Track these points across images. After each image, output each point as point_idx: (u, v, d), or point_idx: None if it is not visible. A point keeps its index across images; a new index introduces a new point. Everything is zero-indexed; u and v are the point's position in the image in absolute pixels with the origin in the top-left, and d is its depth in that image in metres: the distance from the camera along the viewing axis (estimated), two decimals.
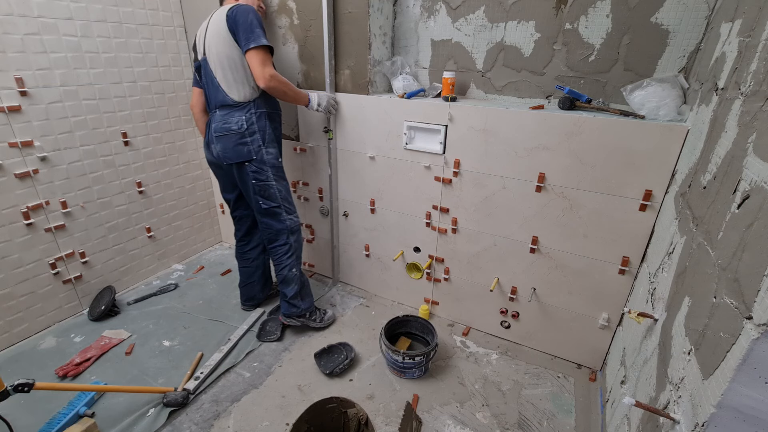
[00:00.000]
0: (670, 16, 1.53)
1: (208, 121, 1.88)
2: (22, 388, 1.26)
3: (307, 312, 2.08)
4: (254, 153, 1.81)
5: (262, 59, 1.64)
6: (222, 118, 1.79)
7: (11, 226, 1.88)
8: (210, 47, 1.73)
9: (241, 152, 1.80)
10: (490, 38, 1.88)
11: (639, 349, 1.34)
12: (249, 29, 1.63)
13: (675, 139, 1.41)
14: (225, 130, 1.78)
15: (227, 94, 1.76)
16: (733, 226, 0.82)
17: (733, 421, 0.72)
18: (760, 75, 0.87)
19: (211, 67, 1.74)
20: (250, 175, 1.83)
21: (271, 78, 1.67)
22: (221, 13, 1.70)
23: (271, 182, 1.87)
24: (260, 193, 1.87)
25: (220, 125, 1.79)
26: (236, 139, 1.78)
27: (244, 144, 1.79)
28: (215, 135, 1.81)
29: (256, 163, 1.82)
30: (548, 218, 1.75)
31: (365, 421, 1.39)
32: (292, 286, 2.00)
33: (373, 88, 2.03)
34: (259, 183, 1.85)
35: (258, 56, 1.64)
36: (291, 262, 1.99)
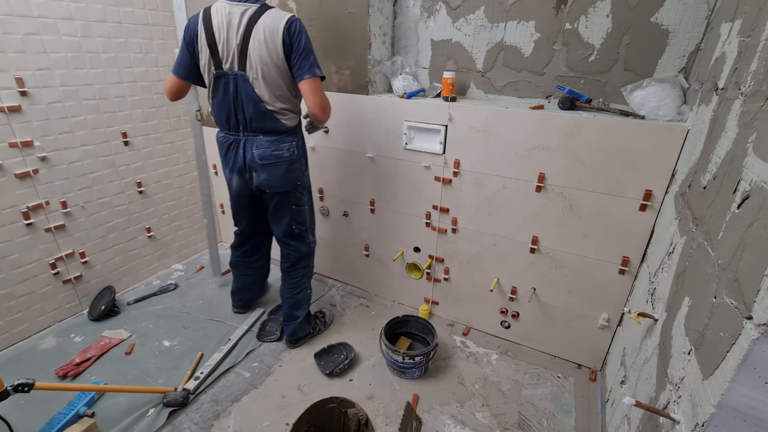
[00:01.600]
0: (670, 16, 1.53)
1: (233, 143, 1.66)
2: (22, 388, 1.26)
3: (311, 329, 2.07)
4: (299, 179, 1.77)
5: (318, 87, 1.54)
6: (271, 144, 1.63)
7: (11, 226, 1.88)
8: (256, 68, 1.50)
9: (291, 179, 1.73)
10: (490, 38, 1.88)
11: (639, 349, 1.34)
12: (306, 55, 1.51)
13: (675, 139, 1.41)
14: (276, 158, 1.65)
15: (280, 121, 1.62)
16: (733, 226, 0.83)
17: (733, 421, 0.72)
18: (760, 75, 0.87)
19: (257, 90, 1.54)
20: (291, 201, 1.79)
21: (328, 107, 1.58)
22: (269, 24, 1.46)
23: (306, 206, 1.87)
24: (296, 219, 1.84)
25: (269, 152, 1.64)
26: (287, 166, 1.69)
27: (294, 171, 1.73)
28: (260, 163, 1.64)
29: (300, 188, 1.79)
30: (548, 218, 1.75)
31: (365, 421, 1.39)
32: (303, 307, 1.98)
33: (373, 88, 2.03)
34: (298, 208, 1.83)
35: (314, 84, 1.52)
36: (308, 284, 1.99)
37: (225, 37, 1.49)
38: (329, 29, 1.98)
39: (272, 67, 1.51)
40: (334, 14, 1.93)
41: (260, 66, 1.50)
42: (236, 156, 1.68)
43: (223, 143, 1.70)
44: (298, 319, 1.97)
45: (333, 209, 2.37)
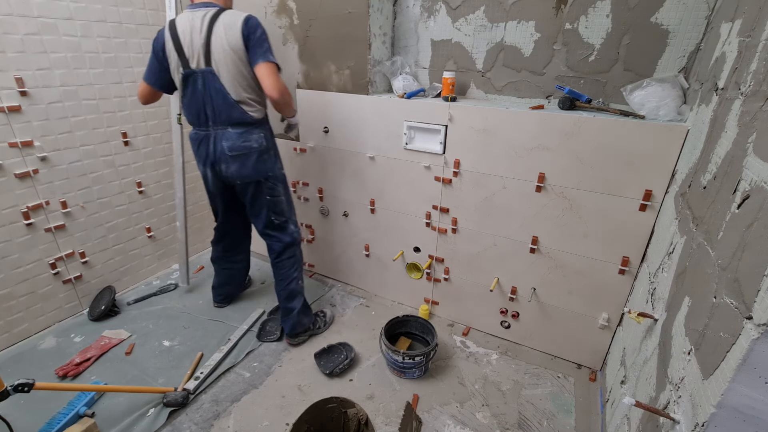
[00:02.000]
0: (670, 16, 1.53)
1: (204, 138, 1.73)
2: (22, 388, 1.26)
3: (311, 324, 2.07)
4: (270, 170, 1.82)
5: (274, 70, 1.61)
6: (240, 136, 1.71)
7: (11, 226, 1.88)
8: (220, 62, 1.60)
9: (261, 170, 1.78)
10: (490, 38, 1.88)
11: (639, 349, 1.34)
12: (261, 43, 1.60)
13: (675, 139, 1.41)
14: (245, 149, 1.72)
15: (246, 112, 1.69)
16: (733, 226, 0.82)
17: (733, 421, 0.72)
18: (760, 75, 0.87)
19: (224, 83, 1.63)
20: (265, 192, 1.83)
21: (285, 90, 1.63)
22: (228, 22, 1.58)
23: (282, 197, 1.89)
24: (273, 209, 1.87)
25: (238, 144, 1.71)
26: (257, 156, 1.75)
27: (264, 162, 1.78)
28: (230, 154, 1.71)
29: (272, 179, 1.83)
30: (548, 218, 1.75)
31: (365, 421, 1.40)
32: (298, 298, 1.99)
33: (373, 88, 2.03)
34: (274, 199, 1.86)
35: (270, 68, 1.60)
36: (298, 274, 1.99)
37: (189, 40, 1.60)
38: (329, 29, 1.98)
39: (234, 58, 1.60)
40: (334, 14, 1.93)
41: (223, 59, 1.60)
42: (207, 150, 1.75)
43: (195, 140, 1.77)
44: (294, 311, 1.97)
45: (333, 209, 2.37)
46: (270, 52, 1.61)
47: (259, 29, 1.60)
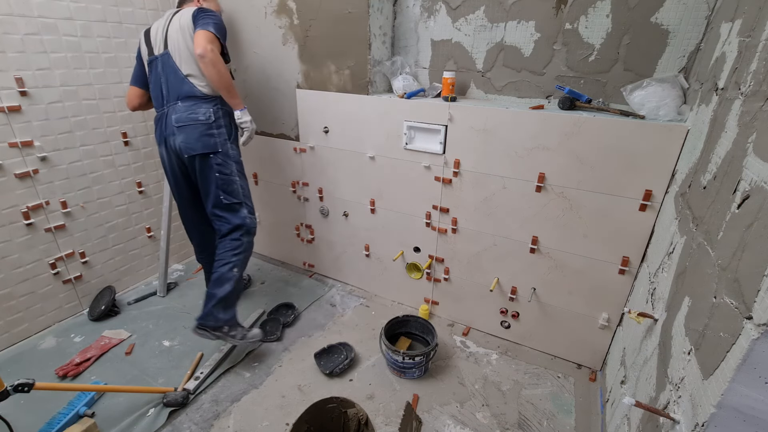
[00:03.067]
0: (670, 16, 1.53)
1: (161, 116, 1.79)
2: (22, 388, 1.26)
3: (225, 325, 1.82)
4: (220, 146, 1.78)
5: (208, 37, 1.64)
6: (187, 109, 1.74)
7: (11, 226, 1.88)
8: (173, 42, 1.73)
9: (207, 143, 1.75)
10: (490, 38, 1.88)
11: (639, 349, 1.34)
12: (206, 18, 1.69)
13: (675, 139, 1.41)
14: (191, 120, 1.73)
15: (194, 85, 1.74)
16: (733, 226, 0.82)
17: (733, 421, 0.72)
18: (760, 75, 0.87)
19: (176, 60, 1.73)
20: (215, 168, 1.77)
21: (212, 50, 1.63)
22: (186, 12, 1.74)
23: (235, 177, 1.83)
24: (223, 188, 1.81)
25: (185, 115, 1.73)
26: (203, 129, 1.74)
27: (211, 135, 1.76)
28: (176, 125, 1.74)
29: (221, 155, 1.78)
30: (548, 218, 1.75)
31: (365, 421, 1.40)
32: (224, 286, 1.79)
33: (373, 88, 2.03)
34: (224, 177, 1.80)
35: (204, 34, 1.64)
36: (236, 260, 1.83)
37: (155, 32, 1.78)
38: (329, 29, 1.98)
39: (185, 35, 1.71)
40: (334, 14, 1.93)
41: (176, 39, 1.72)
42: (161, 127, 1.80)
43: (156, 121, 1.84)
44: (214, 299, 1.78)
45: (333, 209, 2.37)
46: (211, 26, 1.66)
47: (210, 12, 1.73)
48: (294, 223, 2.58)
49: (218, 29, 1.69)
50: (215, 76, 1.68)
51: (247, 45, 2.24)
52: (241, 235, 1.86)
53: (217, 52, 1.66)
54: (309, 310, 2.32)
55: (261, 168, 2.54)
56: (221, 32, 1.72)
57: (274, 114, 2.34)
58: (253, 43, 2.22)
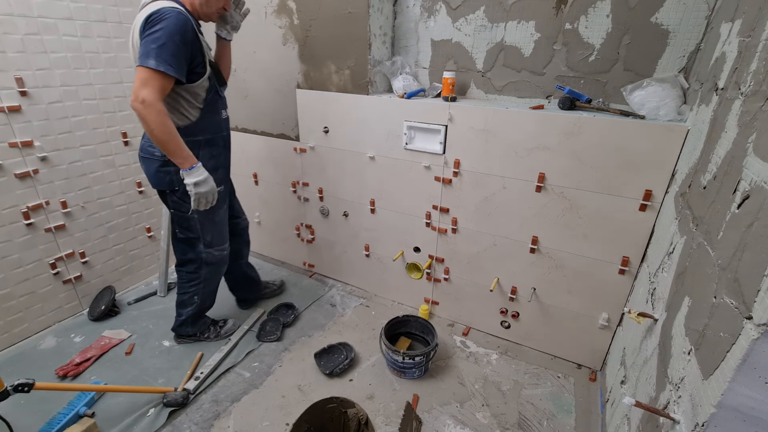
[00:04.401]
0: (670, 16, 1.53)
1: None
2: (22, 388, 1.26)
3: (196, 332, 2.01)
4: (177, 184, 1.58)
5: (142, 78, 1.32)
6: (148, 139, 1.56)
7: (11, 226, 1.88)
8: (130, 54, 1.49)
9: (162, 180, 1.59)
10: (490, 38, 1.88)
11: (639, 349, 1.34)
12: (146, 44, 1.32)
13: (675, 139, 1.41)
14: (148, 153, 1.58)
15: None
16: (733, 226, 0.82)
17: (733, 421, 0.72)
18: (760, 75, 0.87)
19: None
20: (170, 204, 1.68)
21: (142, 102, 1.31)
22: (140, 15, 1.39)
23: (193, 215, 1.66)
24: (179, 224, 1.72)
25: (145, 146, 1.58)
26: (158, 165, 1.57)
27: (167, 173, 1.57)
28: (140, 154, 1.62)
29: (178, 194, 1.62)
30: (548, 218, 1.75)
31: (365, 421, 1.40)
32: (187, 309, 1.91)
33: (373, 88, 2.03)
34: (179, 214, 1.68)
35: (139, 74, 1.32)
36: (194, 290, 1.86)
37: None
38: (329, 29, 1.98)
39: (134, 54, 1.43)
40: (334, 14, 1.93)
41: (131, 53, 1.48)
42: None
43: None
44: (181, 317, 1.93)
45: (333, 209, 2.37)
46: (150, 55, 1.31)
47: (158, 25, 1.32)
48: (294, 223, 2.58)
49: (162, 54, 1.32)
50: (148, 133, 1.39)
51: (247, 45, 2.24)
52: (196, 268, 1.81)
53: (151, 99, 1.32)
54: (309, 310, 2.32)
55: (261, 168, 2.54)
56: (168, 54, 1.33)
57: (274, 114, 2.34)
58: (253, 43, 2.22)
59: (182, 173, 1.47)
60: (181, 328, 1.98)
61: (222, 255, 1.85)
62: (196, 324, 1.99)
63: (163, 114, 1.36)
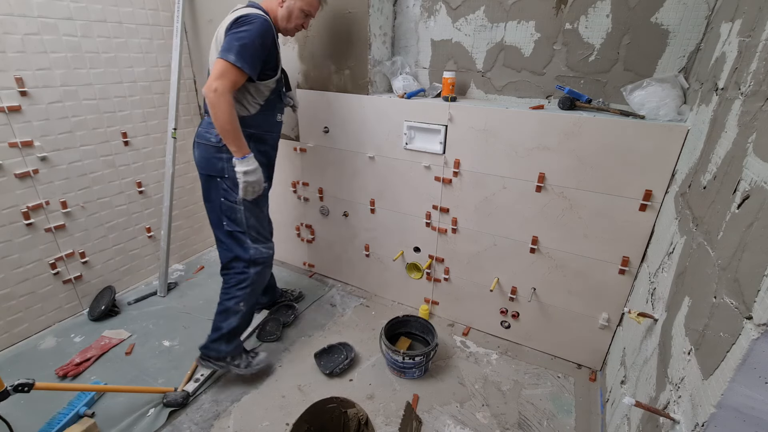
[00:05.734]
0: (670, 16, 1.53)
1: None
2: (22, 388, 1.26)
3: (228, 356, 1.77)
4: (227, 171, 1.62)
5: (220, 70, 1.44)
6: (206, 125, 1.64)
7: (11, 226, 1.88)
8: (212, 50, 1.61)
9: (214, 166, 1.63)
10: (490, 38, 1.88)
11: (639, 349, 1.34)
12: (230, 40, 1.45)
13: (675, 139, 1.41)
14: (204, 139, 1.63)
15: None
16: (733, 226, 0.82)
17: (733, 421, 0.72)
18: (760, 75, 0.87)
19: (210, 68, 1.60)
20: (220, 192, 1.66)
21: (215, 91, 1.43)
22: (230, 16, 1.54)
23: (240, 206, 1.67)
24: (227, 214, 1.69)
25: (203, 132, 1.65)
26: (212, 151, 1.62)
27: (219, 159, 1.62)
28: (196, 140, 1.68)
29: (228, 181, 1.64)
30: (548, 218, 1.75)
31: (365, 421, 1.40)
32: (230, 320, 1.73)
33: (373, 88, 2.03)
34: (227, 203, 1.67)
35: (218, 66, 1.44)
36: (242, 294, 1.74)
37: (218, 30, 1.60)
38: (329, 29, 1.98)
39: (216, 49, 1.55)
40: (334, 14, 1.93)
41: (213, 48, 1.58)
42: None
43: None
44: (220, 331, 1.73)
45: (333, 209, 2.37)
46: (232, 51, 1.43)
47: (244, 26, 1.46)
48: (294, 223, 2.58)
49: (243, 52, 1.45)
50: (214, 120, 1.49)
51: None
52: (245, 267, 1.73)
53: (223, 92, 1.44)
54: (309, 310, 2.32)
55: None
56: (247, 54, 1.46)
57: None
58: None
59: (234, 161, 1.57)
60: (214, 345, 1.74)
61: (269, 254, 1.80)
62: (232, 342, 1.77)
63: (230, 104, 1.48)
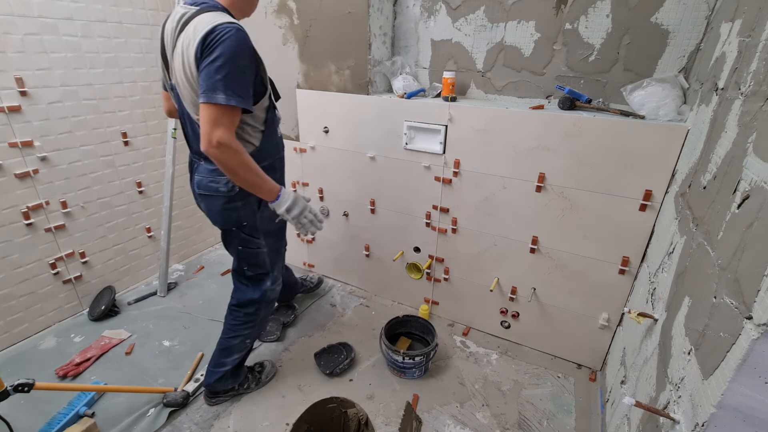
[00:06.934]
0: (670, 16, 1.53)
1: (190, 165, 1.49)
2: (22, 388, 1.26)
3: (236, 385, 1.71)
4: (245, 218, 1.44)
5: (212, 117, 1.15)
6: (209, 174, 1.37)
7: (11, 226, 1.88)
8: (178, 80, 1.25)
9: (229, 218, 1.43)
10: (490, 38, 1.88)
11: (639, 349, 1.34)
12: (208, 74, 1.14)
13: (675, 139, 1.41)
14: (211, 190, 1.38)
15: None
16: (733, 226, 0.82)
17: (733, 421, 0.72)
18: (760, 75, 0.87)
19: (185, 104, 1.30)
20: (237, 242, 1.50)
21: (218, 145, 1.16)
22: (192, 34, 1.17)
23: (263, 249, 1.53)
24: (247, 260, 1.55)
25: (206, 182, 1.38)
26: (224, 202, 1.39)
27: (234, 209, 1.41)
28: (198, 192, 1.43)
29: (247, 229, 1.47)
30: (548, 218, 1.75)
31: (365, 421, 1.39)
32: (234, 357, 1.64)
33: (373, 88, 2.03)
34: (247, 250, 1.52)
35: (207, 113, 1.15)
36: (248, 333, 1.65)
37: (169, 44, 1.28)
38: (329, 29, 1.98)
39: (189, 81, 1.23)
40: (334, 14, 1.93)
41: (181, 78, 1.25)
42: (191, 180, 1.49)
43: (189, 164, 1.52)
44: (224, 368, 1.62)
45: (333, 209, 2.37)
46: (217, 89, 1.14)
47: (217, 50, 1.13)
48: None
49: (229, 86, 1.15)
50: (230, 175, 1.25)
51: None
52: (258, 308, 1.63)
53: (227, 141, 1.17)
54: (309, 310, 2.32)
55: None
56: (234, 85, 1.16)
57: None
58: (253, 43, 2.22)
59: (271, 206, 1.36)
60: (220, 383, 1.64)
61: (278, 290, 1.70)
62: (237, 375, 1.70)
63: (242, 152, 1.22)
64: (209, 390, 1.67)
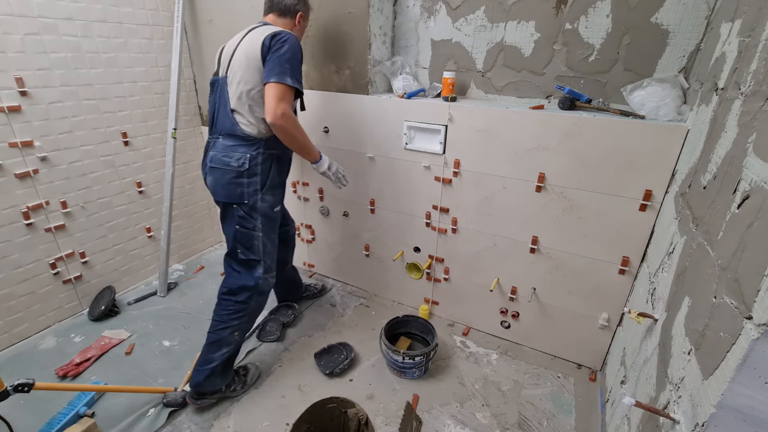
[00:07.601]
0: (670, 16, 1.53)
1: (206, 146, 1.67)
2: (22, 388, 1.26)
3: (223, 386, 1.70)
4: (247, 197, 1.59)
5: (280, 94, 1.47)
6: (224, 149, 1.58)
7: (11, 226, 1.88)
8: (235, 68, 1.56)
9: (232, 192, 1.58)
10: (490, 38, 1.88)
11: (639, 349, 1.34)
12: (280, 62, 1.47)
13: (675, 139, 1.41)
14: (223, 164, 1.57)
15: (238, 124, 1.56)
16: (733, 226, 0.82)
17: (733, 421, 0.72)
18: (760, 75, 0.87)
19: (229, 90, 1.56)
20: (236, 219, 1.62)
21: (282, 116, 1.47)
22: (257, 35, 1.53)
23: (258, 233, 1.64)
24: (241, 242, 1.64)
25: (220, 156, 1.58)
26: (231, 177, 1.57)
27: (239, 185, 1.57)
28: (210, 165, 1.60)
29: (246, 207, 1.60)
30: (548, 218, 1.75)
31: (365, 421, 1.40)
32: (223, 351, 1.65)
33: (373, 88, 2.03)
34: (244, 231, 1.63)
35: (277, 90, 1.47)
36: (238, 324, 1.68)
37: (227, 51, 1.62)
38: (329, 29, 1.98)
39: (246, 67, 1.52)
40: (334, 14, 1.93)
41: (238, 67, 1.55)
42: (204, 159, 1.67)
43: (205, 146, 1.70)
44: (212, 364, 1.62)
45: (333, 209, 2.37)
46: (287, 73, 1.47)
47: (285, 46, 1.48)
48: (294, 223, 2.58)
49: (294, 72, 1.50)
50: (288, 142, 1.57)
51: None
52: (249, 297, 1.68)
53: (289, 113, 1.50)
54: (309, 310, 2.32)
55: None
56: (297, 72, 1.52)
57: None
58: None
59: (314, 166, 1.73)
60: (208, 382, 1.63)
61: (271, 283, 1.76)
62: (226, 374, 1.70)
63: (297, 121, 1.58)
64: (195, 390, 1.65)
